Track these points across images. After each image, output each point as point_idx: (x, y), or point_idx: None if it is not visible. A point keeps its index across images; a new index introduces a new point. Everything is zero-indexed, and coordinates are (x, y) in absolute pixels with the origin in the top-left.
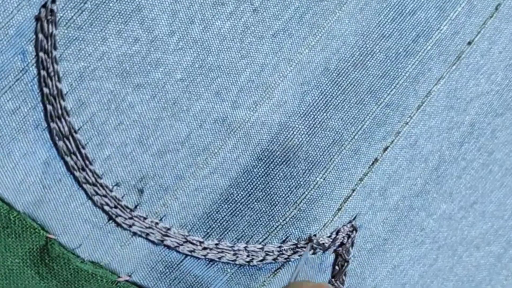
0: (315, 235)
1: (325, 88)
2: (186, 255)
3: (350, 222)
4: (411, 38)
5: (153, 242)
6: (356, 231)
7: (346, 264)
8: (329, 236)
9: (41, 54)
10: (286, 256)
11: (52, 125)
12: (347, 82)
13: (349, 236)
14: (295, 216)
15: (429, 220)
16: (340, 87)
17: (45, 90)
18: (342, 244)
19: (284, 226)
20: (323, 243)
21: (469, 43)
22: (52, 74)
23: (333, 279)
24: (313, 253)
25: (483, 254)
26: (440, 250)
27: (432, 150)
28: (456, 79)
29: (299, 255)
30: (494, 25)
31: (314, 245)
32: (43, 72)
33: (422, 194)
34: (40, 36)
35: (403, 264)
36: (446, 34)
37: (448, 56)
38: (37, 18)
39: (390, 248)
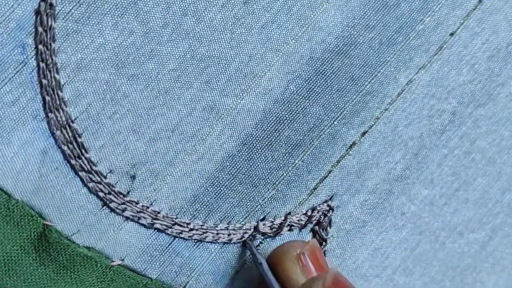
0: (289, 213)
1: (308, 76)
2: (175, 237)
3: (326, 201)
4: (394, 29)
5: (144, 225)
6: (333, 210)
7: (324, 243)
8: (305, 214)
9: (40, 46)
10: (263, 234)
11: (50, 115)
12: (330, 71)
13: (325, 215)
14: (273, 196)
15: (409, 204)
16: (323, 76)
17: (44, 81)
18: (318, 222)
19: (262, 206)
20: (299, 220)
21: (452, 34)
22: (50, 66)
23: None
24: (289, 230)
25: (467, 241)
26: (422, 235)
27: (412, 136)
28: (438, 69)
29: (274, 232)
30: (477, 16)
31: (290, 223)
32: (42, 64)
33: (402, 179)
34: (40, 29)
35: (384, 247)
36: (429, 25)
37: (430, 46)
38: (37, 12)
39: (369, 230)
